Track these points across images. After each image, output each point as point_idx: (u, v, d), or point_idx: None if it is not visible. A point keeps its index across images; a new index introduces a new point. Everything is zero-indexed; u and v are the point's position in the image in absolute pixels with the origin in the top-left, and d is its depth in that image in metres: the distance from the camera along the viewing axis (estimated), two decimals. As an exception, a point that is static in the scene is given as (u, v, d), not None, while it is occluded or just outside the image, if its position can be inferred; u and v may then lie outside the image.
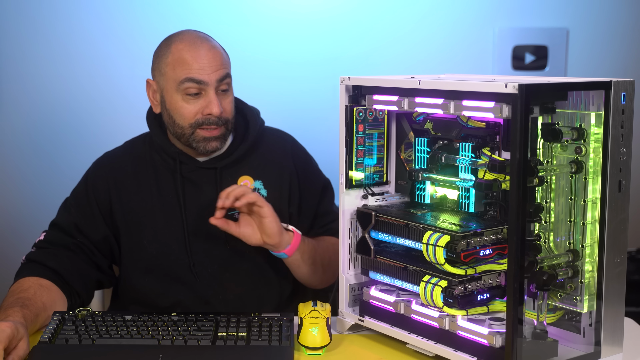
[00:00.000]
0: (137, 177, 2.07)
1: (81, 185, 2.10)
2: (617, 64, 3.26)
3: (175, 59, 1.96)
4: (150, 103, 2.06)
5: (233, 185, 1.94)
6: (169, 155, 2.05)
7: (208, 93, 1.96)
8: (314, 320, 1.69)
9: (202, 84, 1.95)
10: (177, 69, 1.95)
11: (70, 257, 1.99)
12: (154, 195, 2.05)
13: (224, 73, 1.98)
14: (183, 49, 1.96)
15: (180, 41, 1.98)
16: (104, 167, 2.10)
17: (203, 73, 1.94)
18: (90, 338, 1.65)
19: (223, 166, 2.05)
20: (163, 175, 2.06)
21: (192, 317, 1.74)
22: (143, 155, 2.09)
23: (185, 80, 1.94)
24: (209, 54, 1.96)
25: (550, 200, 1.57)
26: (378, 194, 1.83)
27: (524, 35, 3.17)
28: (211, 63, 1.95)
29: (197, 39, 1.99)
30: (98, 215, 2.04)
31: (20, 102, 2.97)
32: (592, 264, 1.54)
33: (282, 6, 3.05)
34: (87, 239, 2.03)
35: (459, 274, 1.55)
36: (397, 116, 1.85)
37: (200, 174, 2.05)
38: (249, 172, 2.08)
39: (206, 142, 1.98)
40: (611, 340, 1.56)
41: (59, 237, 2.02)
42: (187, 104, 1.96)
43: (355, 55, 3.09)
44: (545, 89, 1.49)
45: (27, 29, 2.93)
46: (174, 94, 1.97)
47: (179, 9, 2.98)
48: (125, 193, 2.06)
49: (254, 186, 2.07)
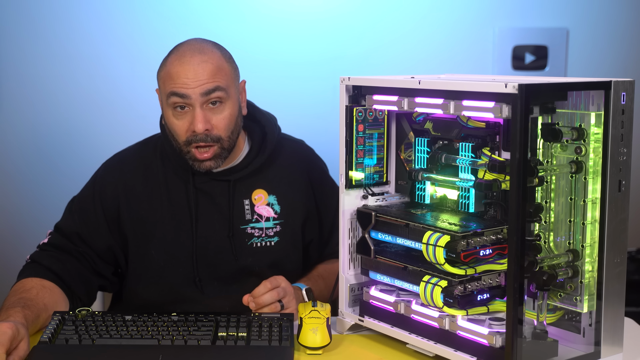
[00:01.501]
0: (147, 184, 2.02)
1: (89, 189, 2.05)
2: (617, 64, 3.26)
3: (166, 72, 1.91)
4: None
5: (262, 285, 1.83)
6: (181, 166, 2.00)
7: (193, 108, 1.89)
8: (314, 320, 1.69)
9: (185, 98, 1.87)
10: (166, 82, 1.90)
11: (73, 263, 1.97)
12: (165, 204, 2.00)
13: (211, 86, 1.88)
14: (173, 61, 1.90)
15: (175, 52, 1.92)
16: (114, 171, 2.05)
17: (186, 87, 1.87)
18: (90, 338, 1.65)
19: (237, 179, 2.01)
20: (174, 184, 2.01)
21: (192, 317, 1.74)
22: (154, 161, 2.04)
23: (170, 94, 1.89)
24: (197, 67, 1.87)
25: (550, 200, 1.57)
26: (378, 194, 1.83)
27: (524, 35, 3.17)
28: (197, 77, 1.87)
29: (188, 50, 1.91)
30: (103, 224, 2.00)
31: (20, 102, 2.97)
32: (592, 264, 1.54)
33: (282, 6, 3.05)
34: (90, 248, 2.00)
35: (459, 274, 1.55)
36: (397, 116, 1.85)
37: (213, 185, 2.00)
38: (263, 186, 2.03)
39: (200, 163, 1.93)
40: (611, 340, 1.56)
41: (62, 242, 2.00)
42: (177, 119, 1.91)
43: (355, 55, 3.09)
44: (545, 89, 1.49)
45: (27, 29, 2.93)
46: (166, 108, 1.93)
47: (179, 9, 2.98)
48: (135, 201, 2.01)
49: (268, 201, 2.03)
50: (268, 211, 2.03)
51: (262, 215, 2.02)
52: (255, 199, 2.02)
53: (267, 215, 2.03)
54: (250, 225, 2.01)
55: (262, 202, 2.02)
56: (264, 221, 2.02)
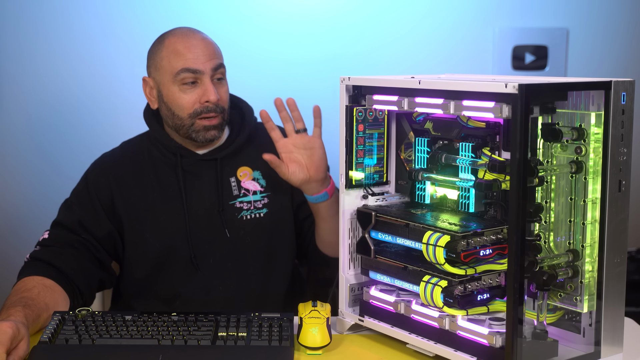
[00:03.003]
0: (137, 173, 2.10)
1: (81, 184, 2.12)
2: (617, 64, 3.26)
3: (169, 51, 2.01)
4: (147, 100, 2.11)
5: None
6: (169, 150, 2.09)
7: (204, 81, 2.01)
8: (314, 320, 1.69)
9: (198, 73, 2.00)
10: (173, 60, 2.01)
11: (75, 255, 1.99)
12: (155, 189, 2.08)
13: (218, 63, 2.04)
14: (176, 42, 2.02)
15: (173, 35, 2.05)
16: (104, 166, 2.13)
17: (198, 62, 2.00)
18: (90, 338, 1.65)
19: (222, 157, 2.09)
20: (163, 170, 2.10)
21: (192, 317, 1.74)
22: (141, 153, 2.13)
23: (182, 71, 2.00)
24: (202, 43, 2.02)
25: (550, 200, 1.57)
26: (378, 194, 1.84)
27: (524, 35, 3.17)
28: (205, 52, 2.01)
29: (189, 32, 2.05)
30: (101, 212, 2.06)
31: (20, 102, 2.97)
32: (592, 264, 1.54)
33: (282, 6, 3.05)
34: (92, 235, 2.04)
35: (459, 274, 1.55)
36: (397, 116, 1.85)
37: (200, 166, 2.09)
38: (247, 163, 2.13)
39: (205, 131, 2.03)
40: (611, 340, 1.56)
41: (62, 235, 2.03)
42: (185, 94, 2.01)
43: (355, 55, 3.09)
44: (545, 89, 1.49)
45: (27, 29, 2.94)
46: (171, 86, 2.02)
47: (179, 9, 2.98)
48: (126, 189, 2.08)
49: (253, 176, 2.12)
50: (254, 185, 2.12)
51: (249, 189, 2.11)
52: (241, 175, 2.11)
53: (254, 189, 2.11)
54: (239, 200, 2.09)
55: (247, 178, 2.12)
56: (252, 194, 2.11)
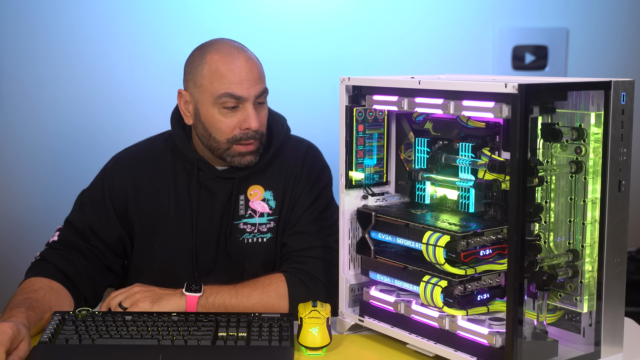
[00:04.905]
0: (155, 179, 2.04)
1: (98, 182, 2.07)
2: (617, 64, 3.26)
3: (212, 70, 1.91)
4: (182, 114, 2.00)
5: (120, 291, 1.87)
6: (189, 161, 2.02)
7: (246, 107, 1.92)
8: (314, 320, 1.69)
9: (241, 100, 1.91)
10: (215, 82, 1.91)
11: (82, 262, 1.98)
12: (171, 200, 2.03)
13: (262, 88, 1.94)
14: (219, 61, 1.91)
15: (216, 52, 1.93)
16: (123, 165, 2.07)
17: (242, 88, 1.90)
18: (90, 338, 1.65)
19: (241, 177, 2.02)
20: (181, 179, 2.03)
21: (192, 317, 1.74)
22: (163, 156, 2.06)
23: (224, 95, 1.90)
24: (246, 65, 1.92)
25: (550, 200, 1.57)
26: (378, 194, 1.83)
27: (524, 35, 3.17)
28: (250, 77, 1.91)
29: (234, 50, 1.94)
30: (113, 216, 2.03)
31: (21, 102, 2.97)
32: (592, 264, 1.54)
33: (282, 6, 3.05)
34: (101, 241, 2.02)
35: (459, 274, 1.55)
36: (397, 116, 1.85)
37: (216, 182, 2.02)
38: (260, 182, 2.03)
39: (241, 157, 1.95)
40: (611, 340, 1.56)
41: (72, 240, 2.01)
42: (225, 117, 1.93)
43: (355, 55, 3.09)
44: (545, 89, 1.49)
45: (27, 29, 2.94)
46: (210, 107, 1.93)
47: (178, 9, 2.98)
48: (142, 195, 2.04)
49: (264, 196, 2.03)
50: (263, 207, 2.03)
51: (256, 210, 2.03)
52: (251, 194, 2.03)
53: (262, 210, 2.03)
54: (243, 220, 2.02)
55: (257, 198, 2.03)
56: (258, 217, 2.03)
